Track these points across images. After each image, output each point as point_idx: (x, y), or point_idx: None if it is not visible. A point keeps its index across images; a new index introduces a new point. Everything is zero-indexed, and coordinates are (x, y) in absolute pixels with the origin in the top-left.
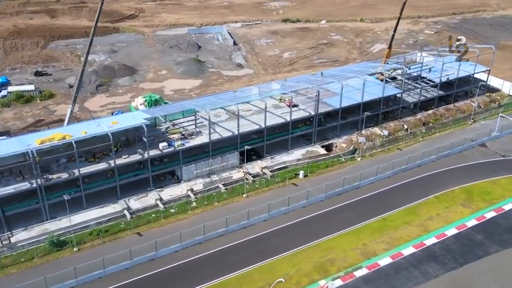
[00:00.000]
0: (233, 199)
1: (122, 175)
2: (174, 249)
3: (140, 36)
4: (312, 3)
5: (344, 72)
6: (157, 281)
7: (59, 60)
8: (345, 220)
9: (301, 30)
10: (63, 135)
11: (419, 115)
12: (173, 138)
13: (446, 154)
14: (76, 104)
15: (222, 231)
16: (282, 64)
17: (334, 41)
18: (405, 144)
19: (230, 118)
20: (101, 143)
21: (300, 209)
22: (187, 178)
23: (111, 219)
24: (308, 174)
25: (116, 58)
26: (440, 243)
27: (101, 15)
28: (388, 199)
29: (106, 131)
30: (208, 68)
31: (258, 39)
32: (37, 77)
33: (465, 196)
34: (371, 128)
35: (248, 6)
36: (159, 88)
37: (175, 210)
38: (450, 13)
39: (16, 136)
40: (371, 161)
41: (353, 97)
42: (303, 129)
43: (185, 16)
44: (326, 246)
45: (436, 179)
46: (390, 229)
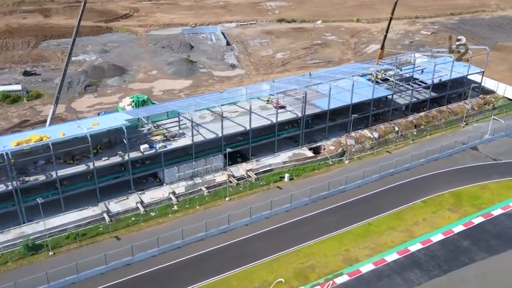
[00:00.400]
0: (216, 203)
1: (102, 178)
2: (151, 254)
3: (133, 36)
4: (309, 3)
5: (334, 73)
6: (131, 287)
7: (49, 60)
8: (329, 225)
9: (296, 30)
10: (41, 136)
11: (411, 117)
12: (156, 140)
13: (436, 157)
14: (63, 104)
15: (202, 235)
16: (274, 65)
17: (328, 42)
18: (394, 147)
19: (215, 120)
20: (80, 144)
21: (283, 213)
22: (170, 181)
23: (90, 222)
24: (293, 177)
25: (107, 58)
26: (425, 249)
27: (95, 15)
28: (374, 203)
29: (84, 133)
30: (199, 69)
31: (252, 39)
32: (25, 77)
33: (453, 200)
34: (361, 130)
35: (244, 6)
36: (149, 88)
37: (155, 214)
38: (448, 13)
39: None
40: (359, 164)
41: (342, 99)
42: (290, 131)
43: (180, 16)
44: (307, 252)
45: (425, 183)
46: (374, 235)
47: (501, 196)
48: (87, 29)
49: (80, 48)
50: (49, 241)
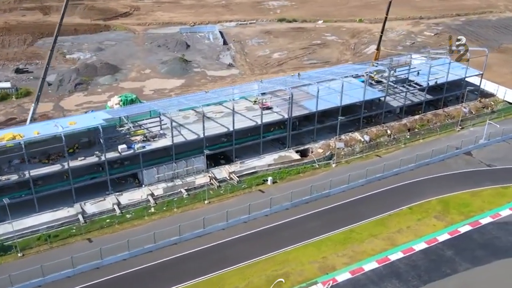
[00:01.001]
0: (194, 206)
1: (78, 178)
2: (122, 257)
3: (130, 35)
4: (312, 2)
5: (325, 74)
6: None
7: (44, 58)
8: (308, 230)
9: (295, 30)
10: (14, 135)
11: (405, 120)
12: (136, 140)
13: (427, 162)
14: (52, 103)
15: (175, 239)
16: (270, 65)
17: (328, 42)
18: (385, 150)
19: (199, 120)
20: (57, 144)
21: (262, 217)
22: (149, 182)
23: (64, 224)
24: (277, 181)
25: (101, 56)
26: (406, 259)
27: (96, 13)
28: (358, 209)
29: (58, 132)
30: (193, 68)
31: (250, 39)
32: (17, 74)
33: (441, 207)
34: (351, 133)
35: (246, 5)
36: (140, 87)
37: (131, 216)
38: (454, 14)
39: None
40: (347, 168)
41: (332, 100)
42: (276, 133)
43: (180, 14)
44: (283, 259)
45: (413, 189)
46: (354, 242)
47: (492, 204)
48: (85, 27)
49: (76, 46)
50: (18, 242)
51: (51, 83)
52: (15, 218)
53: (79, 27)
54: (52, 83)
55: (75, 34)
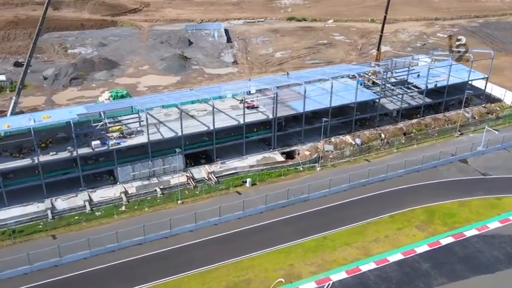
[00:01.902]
0: (167, 205)
1: (50, 173)
2: (82, 256)
3: (135, 31)
4: (325, 2)
5: (317, 74)
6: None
7: (45, 52)
8: (280, 236)
9: (303, 30)
10: None
11: (401, 124)
12: (112, 136)
13: (417, 168)
14: (44, 97)
15: (140, 239)
16: (270, 64)
17: (335, 42)
18: (375, 155)
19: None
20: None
21: (234, 220)
22: (124, 180)
23: (32, 219)
24: (256, 183)
25: (103, 52)
26: (378, 270)
27: (106, 8)
28: (336, 215)
29: (28, 126)
30: (192, 65)
31: (255, 37)
32: (15, 68)
33: (424, 217)
34: (343, 136)
35: (257, 4)
36: (134, 83)
37: (100, 214)
38: (472, 16)
39: None
40: (332, 171)
41: (323, 101)
42: (261, 133)
43: (189, 11)
44: (247, 264)
45: (397, 196)
46: (326, 250)
47: (480, 215)
48: (92, 22)
49: (79, 41)
50: None
51: (47, 77)
52: None
53: (86, 22)
54: (48, 77)
55: (81, 29)
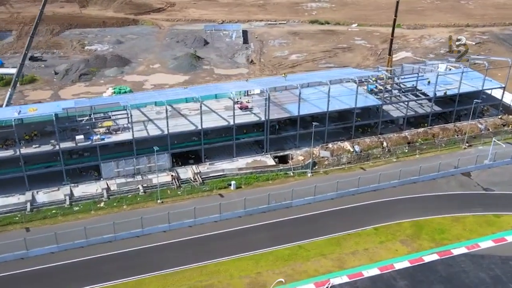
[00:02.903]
0: (146, 204)
1: (32, 165)
2: (50, 250)
3: (155, 29)
4: (352, 5)
5: (318, 77)
6: (11, 282)
7: (62, 48)
8: (253, 242)
9: (325, 33)
10: None
11: (406, 132)
12: (98, 132)
13: (414, 180)
14: (51, 91)
15: (110, 237)
16: (283, 66)
17: (354, 46)
18: (372, 163)
19: (171, 116)
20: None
21: (210, 223)
22: (108, 176)
23: (11, 210)
24: (241, 186)
25: (118, 49)
26: (349, 284)
27: (131, 7)
28: (317, 224)
29: (9, 118)
30: (203, 65)
31: (273, 39)
32: (31, 62)
33: (412, 231)
34: (341, 142)
35: (282, 6)
36: (142, 81)
37: (78, 209)
38: (507, 23)
39: None
40: (323, 178)
41: (321, 105)
42: (252, 136)
43: (212, 12)
44: (213, 269)
45: (386, 208)
46: (299, 259)
47: (473, 233)
48: (113, 20)
49: (98, 38)
50: None
51: (58, 72)
52: None
53: (108, 20)
54: (59, 72)
55: (102, 27)
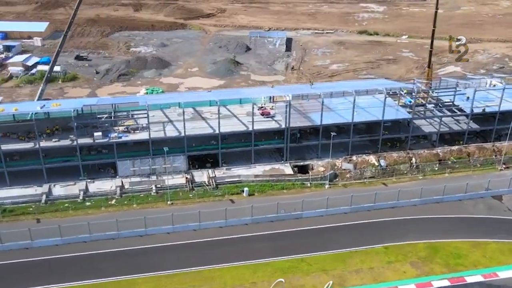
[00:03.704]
0: (156, 205)
1: (51, 159)
2: (54, 242)
3: (201, 34)
4: (407, 17)
5: (346, 87)
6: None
7: (109, 49)
8: (255, 250)
9: (371, 44)
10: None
11: (439, 149)
12: (117, 130)
13: (438, 199)
14: (89, 89)
15: (113, 234)
16: (321, 75)
17: (400, 58)
18: (396, 179)
19: (192, 119)
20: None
21: (215, 228)
22: (124, 174)
23: (28, 201)
24: (255, 193)
25: (161, 52)
26: None
27: (182, 12)
28: (324, 237)
29: (29, 112)
30: (241, 71)
31: (317, 48)
32: (76, 61)
33: (425, 254)
34: (366, 155)
35: (333, 15)
36: (177, 84)
37: (90, 204)
38: None
39: None
40: (340, 191)
41: (348, 116)
42: (272, 143)
43: (261, 19)
44: (208, 275)
45: (401, 226)
46: (298, 273)
47: (493, 260)
48: (162, 24)
49: (144, 41)
50: None
51: (99, 72)
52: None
53: (157, 24)
54: (100, 71)
55: (150, 30)
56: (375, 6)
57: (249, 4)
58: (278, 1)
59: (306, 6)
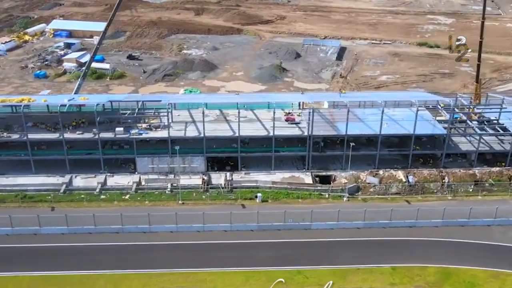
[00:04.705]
0: (167, 203)
1: (75, 150)
2: (61, 231)
3: (254, 40)
4: (475, 30)
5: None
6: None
7: (161, 50)
8: (253, 258)
9: (430, 56)
10: (28, 98)
11: (477, 169)
12: (140, 126)
13: (462, 222)
14: (133, 87)
15: (117, 228)
16: (368, 86)
17: (457, 72)
18: (422, 197)
19: (216, 121)
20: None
21: (219, 231)
22: (142, 171)
23: (48, 190)
24: (268, 200)
25: (211, 55)
26: None
27: (242, 18)
28: (329, 251)
29: (55, 104)
30: (286, 77)
31: (370, 59)
32: (127, 60)
33: (434, 279)
34: (394, 170)
35: (396, 26)
36: (218, 87)
37: (104, 197)
38: None
39: None
40: (359, 205)
41: (377, 128)
42: (294, 150)
43: (319, 27)
44: (200, 278)
45: (415, 247)
46: (292, 285)
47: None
48: (219, 28)
49: (198, 44)
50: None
51: (146, 71)
52: (14, 175)
53: (214, 28)
54: (147, 71)
55: (206, 34)
56: (443, 18)
57: (311, 12)
58: (340, 10)
59: (369, 16)
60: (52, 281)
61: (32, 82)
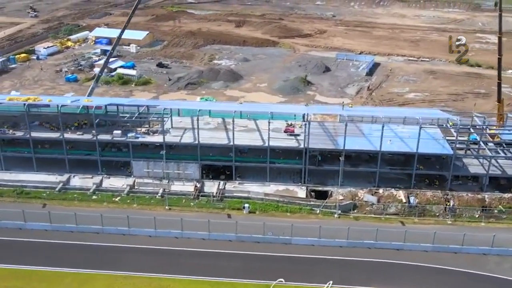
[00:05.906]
0: (154, 207)
1: (75, 151)
2: (44, 227)
3: (288, 53)
4: None
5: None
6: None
7: (191, 59)
8: (222, 268)
9: (468, 75)
10: (33, 98)
11: (486, 194)
12: (139, 130)
13: (455, 249)
14: (155, 94)
15: (98, 228)
16: (392, 102)
17: (493, 93)
18: (418, 220)
19: (215, 129)
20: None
21: (197, 239)
22: (138, 174)
23: (46, 187)
24: (256, 211)
25: (240, 66)
26: None
27: (281, 31)
28: (304, 268)
29: (55, 104)
30: (308, 90)
31: (403, 76)
32: (156, 67)
33: None
34: (395, 190)
35: (438, 44)
36: (238, 97)
37: (96, 198)
38: None
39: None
40: (349, 223)
41: (376, 143)
42: (289, 162)
43: (357, 42)
44: (164, 284)
45: (396, 272)
46: None
47: None
48: (254, 40)
49: (230, 55)
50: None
51: (171, 79)
52: (17, 171)
53: (250, 40)
54: (172, 79)
55: (241, 45)
56: (493, 37)
57: (353, 27)
58: (384, 27)
59: (414, 32)
60: (20, 275)
61: (62, 85)
